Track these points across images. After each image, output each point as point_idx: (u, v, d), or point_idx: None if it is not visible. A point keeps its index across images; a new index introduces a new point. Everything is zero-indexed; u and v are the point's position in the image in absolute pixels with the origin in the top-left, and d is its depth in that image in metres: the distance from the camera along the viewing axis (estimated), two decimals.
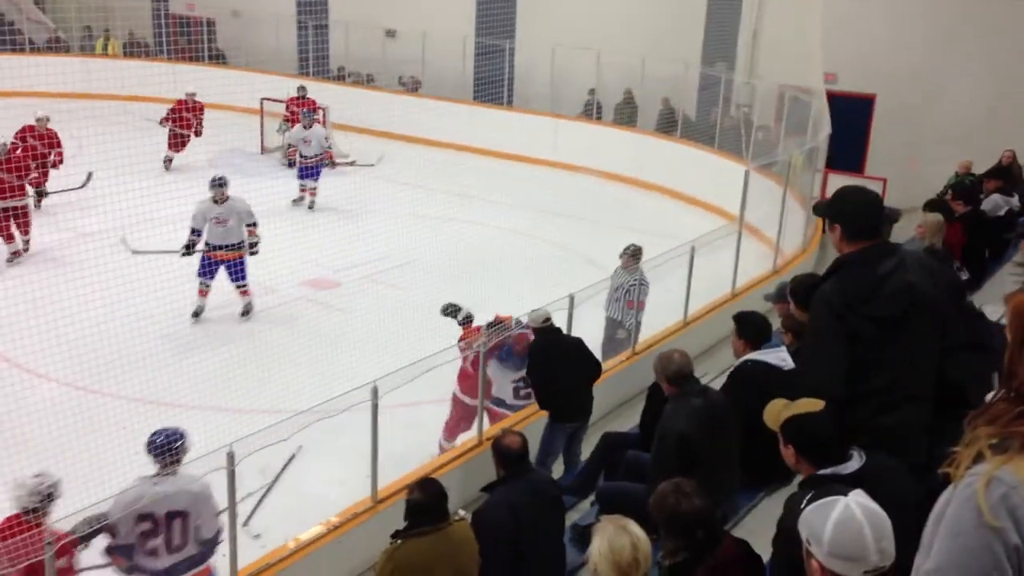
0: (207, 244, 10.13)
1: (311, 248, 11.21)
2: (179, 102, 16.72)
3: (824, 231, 10.10)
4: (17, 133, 13.36)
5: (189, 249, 10.01)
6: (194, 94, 16.78)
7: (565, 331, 7.36)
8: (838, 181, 14.98)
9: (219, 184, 10.14)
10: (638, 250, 8.81)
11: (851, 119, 15.62)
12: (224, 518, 5.16)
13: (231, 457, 4.95)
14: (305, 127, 14.64)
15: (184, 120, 16.57)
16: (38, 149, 12.98)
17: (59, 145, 13.70)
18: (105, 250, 8.64)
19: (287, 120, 17.17)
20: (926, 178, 13.88)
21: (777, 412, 3.56)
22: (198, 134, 16.60)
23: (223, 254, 10.17)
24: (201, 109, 16.82)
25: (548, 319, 6.99)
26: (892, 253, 3.68)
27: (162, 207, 9.09)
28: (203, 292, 10.24)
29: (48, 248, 11.75)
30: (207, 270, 10.23)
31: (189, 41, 22.56)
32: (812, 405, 3.50)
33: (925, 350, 3.66)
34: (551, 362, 6.79)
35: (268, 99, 17.63)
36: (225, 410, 7.56)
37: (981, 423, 1.69)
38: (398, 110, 18.31)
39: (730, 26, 17.17)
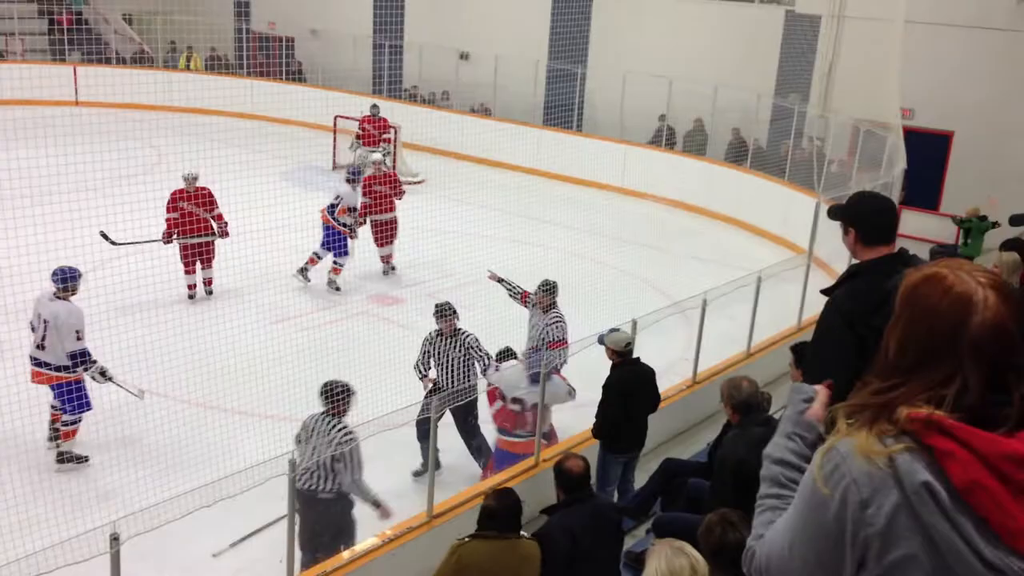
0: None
1: (377, 262, 11.37)
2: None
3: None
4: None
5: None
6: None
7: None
8: (913, 218, 14.74)
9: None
10: (552, 287, 8.30)
11: (927, 155, 15.33)
12: (79, 344, 7.12)
13: (292, 464, 5.03)
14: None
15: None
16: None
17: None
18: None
19: (359, 138, 17.47)
20: (1004, 217, 13.53)
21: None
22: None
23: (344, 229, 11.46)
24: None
25: (629, 344, 6.78)
26: (906, 265, 3.63)
27: (238, 216, 9.33)
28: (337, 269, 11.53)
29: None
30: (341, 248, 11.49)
31: (268, 58, 23.15)
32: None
33: None
34: (625, 395, 6.60)
35: (342, 116, 17.97)
36: (286, 419, 7.68)
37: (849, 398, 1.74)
38: (468, 131, 18.52)
39: (805, 58, 17.02)
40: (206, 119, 18.17)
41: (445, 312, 7.69)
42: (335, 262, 11.58)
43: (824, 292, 3.89)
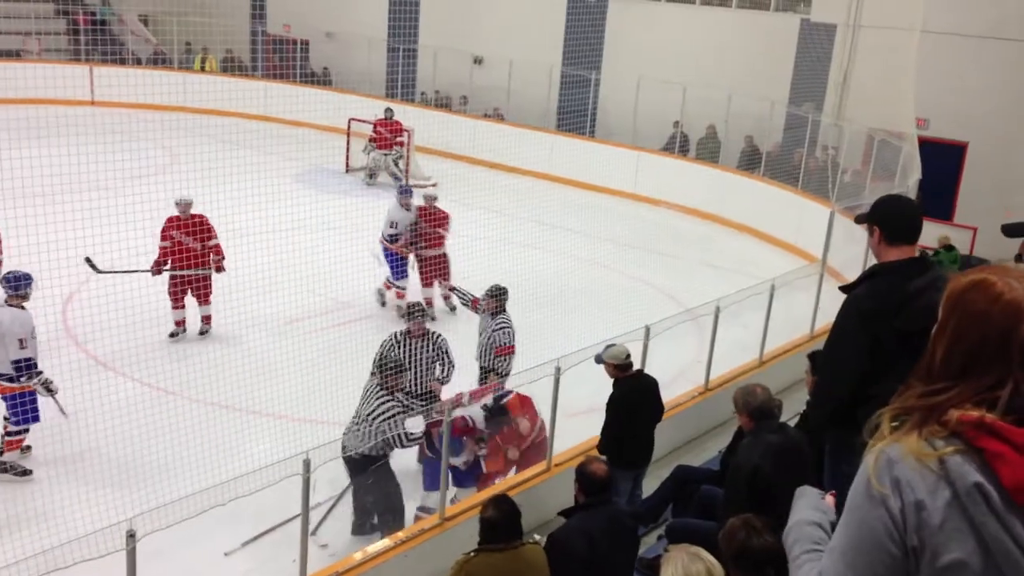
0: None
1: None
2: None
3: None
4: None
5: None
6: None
7: (640, 362, 7.31)
8: (927, 228, 14.67)
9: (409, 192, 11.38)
10: (500, 291, 8.31)
11: (941, 166, 15.27)
12: (23, 352, 6.95)
13: (307, 464, 5.04)
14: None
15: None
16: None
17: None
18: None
19: (372, 141, 17.52)
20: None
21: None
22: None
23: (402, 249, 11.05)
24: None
25: (628, 356, 6.64)
26: (927, 270, 3.74)
27: (249, 218, 9.37)
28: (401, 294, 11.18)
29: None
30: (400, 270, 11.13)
31: (283, 60, 23.23)
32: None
33: None
34: (630, 411, 6.48)
35: (356, 119, 18.02)
36: (306, 420, 7.71)
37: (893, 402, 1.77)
38: (482, 135, 18.54)
39: (820, 67, 17.00)
40: (220, 120, 18.23)
41: (414, 312, 7.77)
42: (389, 279, 11.32)
43: (843, 289, 3.92)
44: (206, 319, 10.30)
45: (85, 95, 20.22)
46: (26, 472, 7.21)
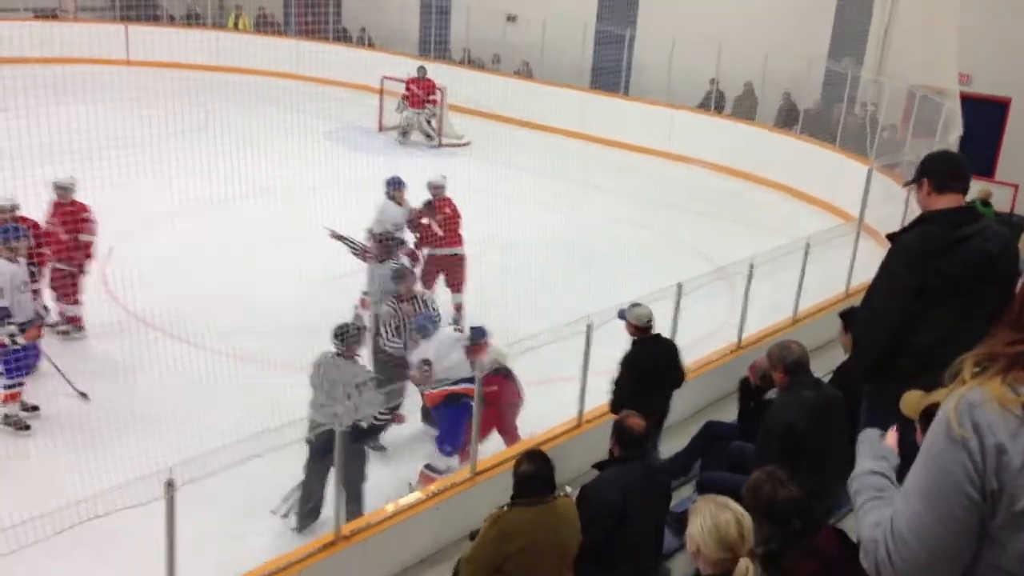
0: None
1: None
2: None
3: None
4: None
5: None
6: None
7: (672, 320, 7.29)
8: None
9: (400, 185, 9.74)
10: (389, 237, 8.25)
11: (983, 122, 14.95)
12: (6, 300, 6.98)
13: (339, 418, 5.11)
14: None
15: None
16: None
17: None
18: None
19: (405, 99, 17.48)
20: None
21: (916, 402, 3.48)
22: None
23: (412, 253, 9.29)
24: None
25: (650, 320, 6.51)
26: (976, 219, 3.79)
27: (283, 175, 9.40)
28: None
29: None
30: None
31: (315, 18, 23.13)
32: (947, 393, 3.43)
33: (979, 319, 3.62)
34: (644, 371, 6.37)
35: (389, 78, 17.96)
36: None
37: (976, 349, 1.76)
38: (514, 94, 18.42)
39: (860, 22, 16.64)
40: (253, 79, 18.28)
41: (402, 273, 7.79)
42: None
43: (890, 236, 3.91)
44: (73, 320, 9.01)
45: (121, 54, 20.32)
46: (22, 426, 7.37)
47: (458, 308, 9.76)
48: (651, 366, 6.43)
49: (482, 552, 4.48)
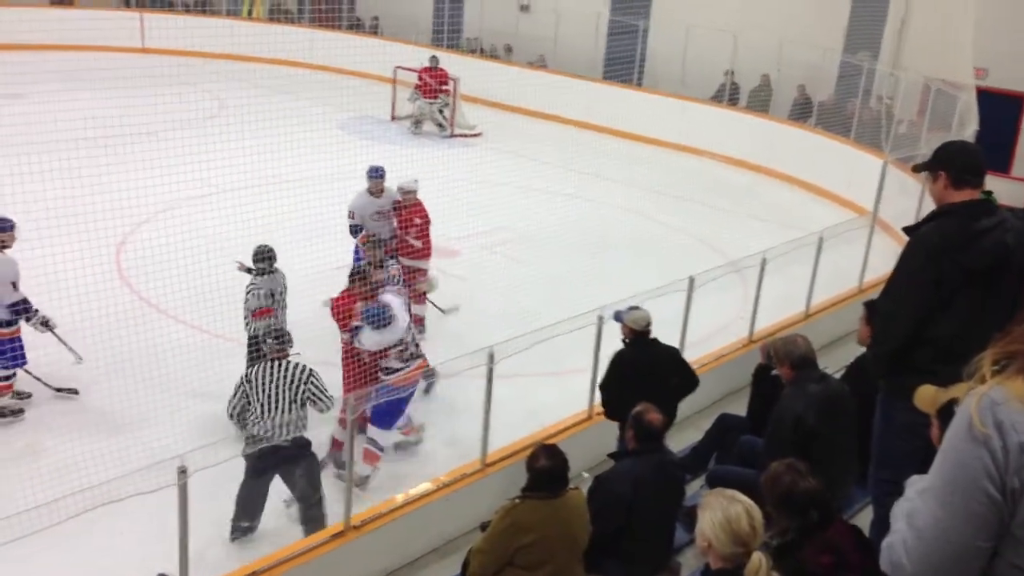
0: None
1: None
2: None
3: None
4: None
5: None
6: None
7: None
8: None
9: (377, 175, 9.35)
10: (261, 253, 7.77)
11: (999, 117, 14.85)
12: (16, 295, 6.99)
13: (348, 403, 5.13)
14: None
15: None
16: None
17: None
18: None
19: (418, 88, 17.46)
20: None
21: (931, 396, 3.46)
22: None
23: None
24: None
25: (648, 324, 6.16)
26: (993, 212, 3.78)
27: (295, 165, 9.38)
28: None
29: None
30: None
31: (329, 7, 23.12)
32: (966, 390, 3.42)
33: (996, 311, 3.67)
34: (635, 375, 5.97)
35: (401, 67, 17.94)
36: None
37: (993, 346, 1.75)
38: (527, 84, 18.36)
39: (877, 15, 16.52)
40: (266, 68, 18.28)
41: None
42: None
43: (906, 230, 3.90)
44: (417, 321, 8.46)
45: (136, 42, 20.35)
46: (16, 412, 7.35)
47: (419, 321, 8.90)
48: (643, 371, 6.01)
49: (493, 544, 4.49)
